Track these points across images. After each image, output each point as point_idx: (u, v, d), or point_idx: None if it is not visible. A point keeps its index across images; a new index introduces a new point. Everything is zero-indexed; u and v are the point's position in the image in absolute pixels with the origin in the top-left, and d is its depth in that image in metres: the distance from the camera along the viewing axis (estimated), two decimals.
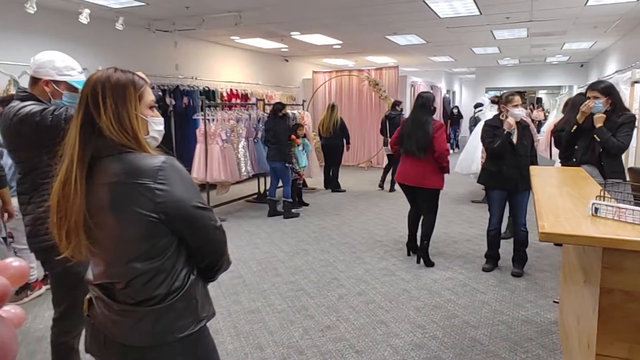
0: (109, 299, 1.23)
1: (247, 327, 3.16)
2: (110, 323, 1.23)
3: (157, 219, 1.16)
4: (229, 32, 8.04)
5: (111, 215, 1.16)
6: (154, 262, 1.19)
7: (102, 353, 1.28)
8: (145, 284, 1.20)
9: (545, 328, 3.09)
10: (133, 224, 1.16)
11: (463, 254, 4.65)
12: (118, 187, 1.15)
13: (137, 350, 1.22)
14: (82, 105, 1.19)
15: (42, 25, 5.93)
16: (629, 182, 2.04)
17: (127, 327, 1.21)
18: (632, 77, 5.22)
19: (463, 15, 6.99)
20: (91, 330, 1.30)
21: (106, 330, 1.24)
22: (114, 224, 1.17)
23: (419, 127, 4.13)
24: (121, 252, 1.19)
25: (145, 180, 1.15)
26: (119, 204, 1.15)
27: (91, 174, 1.17)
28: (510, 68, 15.14)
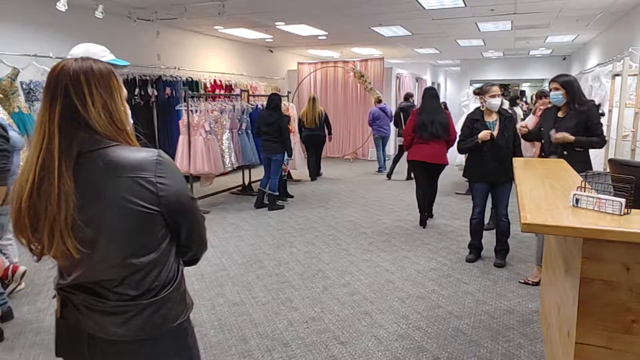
0: (97, 298, 1.17)
1: (232, 320, 3.14)
2: (99, 321, 1.18)
3: (158, 211, 1.15)
4: (213, 21, 7.92)
5: (107, 211, 1.10)
6: (151, 255, 1.18)
7: (84, 354, 1.21)
8: (143, 278, 1.18)
9: (526, 317, 3.13)
10: (132, 218, 1.12)
11: (447, 245, 4.68)
12: (116, 181, 1.10)
13: (132, 344, 1.19)
14: (60, 96, 1.10)
15: (18, 12, 5.75)
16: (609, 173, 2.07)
17: (123, 322, 1.17)
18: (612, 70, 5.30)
19: (448, 7, 6.99)
20: (67, 333, 1.24)
21: (93, 330, 1.18)
22: (110, 220, 1.11)
23: (439, 113, 5.15)
24: (117, 248, 1.14)
25: (146, 174, 1.12)
26: (117, 198, 1.10)
27: (77, 169, 1.09)
28: (495, 61, 15.24)
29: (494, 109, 3.96)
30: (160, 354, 1.23)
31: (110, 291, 1.17)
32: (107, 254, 1.13)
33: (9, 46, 5.50)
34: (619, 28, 8.00)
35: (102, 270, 1.15)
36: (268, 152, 6.17)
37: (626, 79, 4.62)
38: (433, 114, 5.12)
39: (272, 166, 6.20)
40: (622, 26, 7.76)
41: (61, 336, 1.26)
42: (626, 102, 4.63)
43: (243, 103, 7.50)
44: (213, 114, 6.56)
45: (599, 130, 3.46)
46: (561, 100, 3.51)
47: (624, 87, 4.61)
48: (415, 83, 13.64)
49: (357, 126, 11.19)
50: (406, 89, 11.98)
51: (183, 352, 1.28)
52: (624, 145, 4.62)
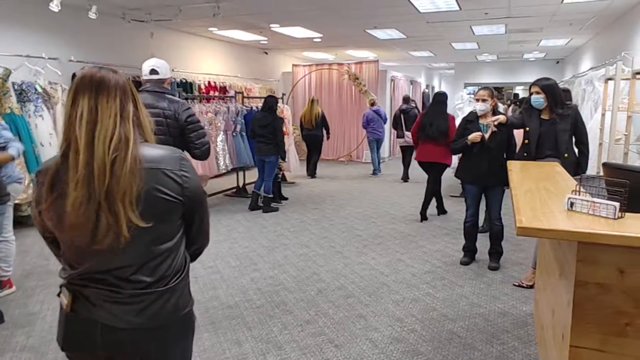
0: (111, 288, 1.24)
1: (225, 323, 3.12)
2: (115, 312, 1.23)
3: (181, 201, 1.28)
4: (207, 23, 7.90)
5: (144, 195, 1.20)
6: (168, 244, 1.29)
7: (95, 346, 1.26)
8: (159, 265, 1.27)
9: (520, 320, 3.14)
10: (160, 205, 1.24)
11: (441, 248, 4.69)
12: (151, 172, 1.22)
13: (147, 331, 1.26)
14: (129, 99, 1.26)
15: (10, 12, 5.71)
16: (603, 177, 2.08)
17: (139, 311, 1.24)
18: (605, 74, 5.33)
19: (443, 10, 7.02)
20: (78, 326, 1.28)
21: (108, 320, 1.23)
22: (142, 206, 1.20)
23: (439, 118, 5.45)
24: (143, 234, 1.22)
25: (174, 168, 1.27)
26: (149, 188, 1.21)
27: None
28: (489, 64, 15.33)
29: (479, 112, 4.00)
30: (172, 340, 1.32)
31: (124, 280, 1.24)
32: (134, 239, 1.20)
33: (1, 46, 5.46)
34: (611, 32, 8.07)
35: (123, 257, 1.22)
36: (262, 154, 6.14)
37: (619, 82, 4.65)
38: (433, 117, 5.51)
39: (266, 168, 6.18)
40: (614, 30, 7.84)
41: (71, 330, 1.29)
42: (619, 105, 4.66)
43: (237, 105, 7.49)
44: (207, 115, 6.54)
45: (585, 138, 3.59)
46: (542, 103, 3.57)
47: (616, 91, 4.65)
48: (409, 86, 13.68)
49: (352, 128, 11.20)
50: (401, 92, 12.02)
51: (188, 338, 1.40)
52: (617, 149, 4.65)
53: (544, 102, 3.55)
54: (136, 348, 1.27)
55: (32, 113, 5.43)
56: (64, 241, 1.26)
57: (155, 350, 1.30)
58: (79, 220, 1.17)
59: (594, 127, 5.42)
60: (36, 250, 4.55)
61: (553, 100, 3.54)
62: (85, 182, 1.16)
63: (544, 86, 3.55)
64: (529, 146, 3.63)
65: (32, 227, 5.28)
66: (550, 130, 3.54)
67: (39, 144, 5.42)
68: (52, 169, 1.21)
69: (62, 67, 6.11)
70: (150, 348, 1.29)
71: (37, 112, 5.46)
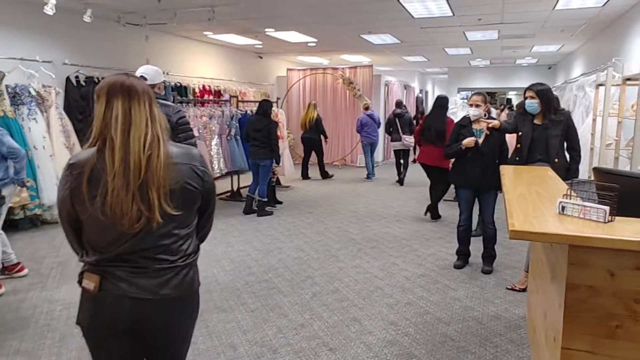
0: (139, 265, 1.41)
1: (220, 327, 3.12)
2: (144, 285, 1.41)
3: (200, 192, 1.51)
4: (202, 27, 7.91)
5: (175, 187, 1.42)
6: (187, 229, 1.51)
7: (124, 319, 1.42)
8: (180, 247, 1.47)
9: (513, 323, 3.17)
10: (186, 195, 1.46)
11: (435, 252, 4.72)
12: (183, 167, 1.45)
13: (171, 301, 1.45)
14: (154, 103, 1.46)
15: (4, 15, 5.69)
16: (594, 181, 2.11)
17: (164, 283, 1.43)
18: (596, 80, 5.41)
19: (436, 16, 7.08)
20: (107, 303, 1.41)
21: (137, 294, 1.40)
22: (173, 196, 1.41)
23: (438, 121, 5.62)
24: (169, 221, 1.42)
25: (197, 164, 1.50)
26: (179, 179, 1.43)
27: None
28: (482, 69, 15.45)
29: (472, 118, 4.04)
30: (189, 310, 1.55)
31: (150, 259, 1.42)
32: (163, 224, 1.40)
33: None
34: (602, 39, 8.18)
35: (151, 239, 1.41)
36: (256, 157, 6.15)
37: (609, 88, 4.72)
38: (432, 120, 5.72)
39: (260, 172, 6.19)
40: (605, 37, 7.94)
41: (99, 309, 1.43)
42: (610, 111, 4.73)
43: (232, 109, 7.50)
44: (202, 119, 6.55)
45: (577, 144, 3.66)
46: (536, 108, 3.62)
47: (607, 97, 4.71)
48: (403, 90, 13.76)
49: (346, 132, 11.23)
50: (395, 96, 12.08)
51: (195, 314, 1.60)
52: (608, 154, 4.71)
53: (538, 107, 3.60)
54: (160, 317, 1.46)
55: (25, 116, 5.41)
56: (98, 227, 1.38)
57: (175, 319, 1.50)
58: (117, 207, 1.33)
59: (585, 132, 5.49)
60: (28, 254, 4.52)
61: (547, 105, 3.59)
62: (122, 175, 1.33)
63: (539, 91, 3.60)
64: (521, 151, 3.67)
65: (24, 230, 5.30)
66: (541, 135, 3.59)
67: (32, 147, 5.39)
68: (90, 163, 1.36)
69: (56, 70, 6.09)
70: (171, 317, 1.49)
71: (30, 115, 5.44)
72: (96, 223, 1.37)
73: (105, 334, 1.45)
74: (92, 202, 1.35)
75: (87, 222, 1.40)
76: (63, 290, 3.66)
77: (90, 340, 1.49)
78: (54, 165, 5.55)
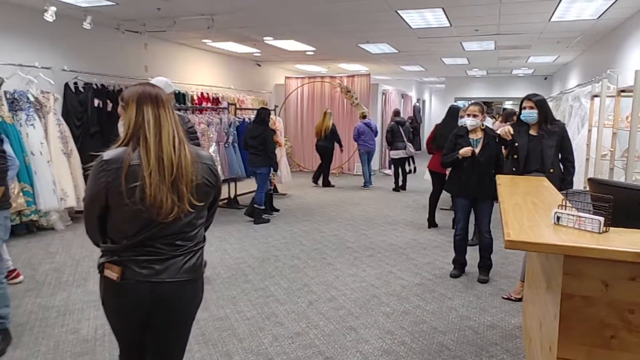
0: (157, 252, 1.60)
1: (216, 335, 3.11)
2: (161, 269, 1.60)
3: (214, 187, 1.74)
4: (201, 35, 7.95)
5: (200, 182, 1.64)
6: (202, 219, 1.73)
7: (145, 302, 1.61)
8: (195, 235, 1.70)
9: (509, 333, 3.17)
10: (204, 190, 1.68)
11: (431, 261, 4.72)
12: (204, 166, 1.69)
13: (184, 282, 1.66)
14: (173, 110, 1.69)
15: (4, 21, 5.71)
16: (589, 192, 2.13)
17: (180, 267, 1.63)
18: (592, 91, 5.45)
19: (434, 27, 7.15)
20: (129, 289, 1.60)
21: (156, 277, 1.60)
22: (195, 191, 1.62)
23: (447, 130, 5.34)
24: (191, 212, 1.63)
25: (211, 163, 1.74)
26: (200, 176, 1.65)
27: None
28: (479, 79, 15.56)
29: (469, 127, 4.06)
30: (198, 291, 1.77)
31: (169, 244, 1.62)
32: (186, 214, 1.62)
33: None
34: (597, 50, 8.27)
35: (174, 227, 1.61)
36: (253, 165, 6.18)
37: (604, 100, 4.76)
38: (443, 129, 5.76)
39: (257, 179, 6.21)
40: (600, 49, 8.03)
41: (123, 296, 1.62)
42: (605, 122, 4.77)
43: (230, 116, 7.52)
44: (200, 126, 6.56)
45: (571, 155, 3.69)
46: (535, 118, 3.65)
47: (602, 108, 4.75)
48: (400, 99, 13.83)
49: (343, 141, 11.21)
50: (392, 105, 12.15)
51: (202, 292, 1.81)
52: (603, 165, 4.74)
53: (537, 117, 3.63)
54: (177, 297, 1.66)
55: (23, 122, 5.41)
56: (129, 216, 1.55)
57: (188, 298, 1.71)
58: (156, 199, 1.53)
59: (580, 142, 5.53)
60: (23, 260, 4.50)
61: (544, 115, 3.63)
62: (157, 171, 1.54)
63: (537, 101, 3.64)
64: (517, 162, 3.69)
65: (20, 236, 5.27)
66: (537, 146, 3.62)
67: (30, 152, 5.39)
68: (127, 159, 1.54)
69: (54, 77, 6.10)
70: (186, 296, 1.70)
71: (28, 121, 5.44)
72: (128, 212, 1.54)
73: (127, 313, 1.66)
74: (128, 194, 1.52)
75: (119, 212, 1.56)
76: (58, 297, 3.64)
77: (112, 317, 1.70)
78: (51, 171, 5.55)
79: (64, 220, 5.82)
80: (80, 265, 4.44)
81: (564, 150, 3.66)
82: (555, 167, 3.61)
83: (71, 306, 3.49)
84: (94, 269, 4.40)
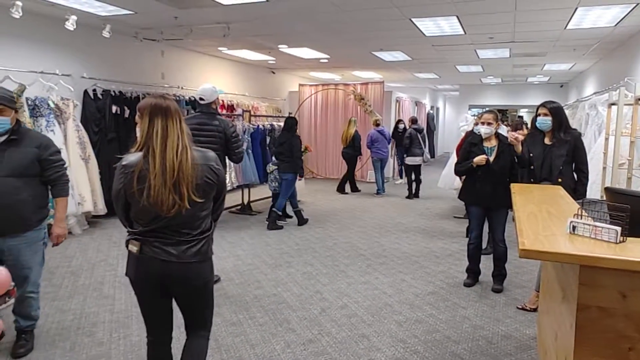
0: (168, 237, 1.93)
1: (229, 340, 3.13)
2: (171, 251, 1.93)
3: (216, 184, 2.03)
4: (217, 42, 8.06)
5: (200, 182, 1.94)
6: (206, 212, 2.04)
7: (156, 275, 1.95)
8: (200, 225, 2.01)
9: (524, 343, 3.13)
10: (208, 187, 1.99)
11: (445, 269, 4.69)
12: (205, 167, 1.98)
13: (191, 264, 1.97)
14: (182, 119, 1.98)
15: (27, 30, 5.86)
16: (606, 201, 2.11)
17: (186, 250, 1.95)
18: (609, 99, 5.39)
19: (448, 34, 7.15)
20: (145, 262, 1.95)
21: (166, 257, 1.92)
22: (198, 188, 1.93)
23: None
24: (194, 206, 1.93)
25: (213, 163, 2.02)
26: (200, 176, 1.94)
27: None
28: (493, 86, 15.46)
29: (483, 136, 4.03)
30: (202, 271, 2.04)
31: (177, 232, 1.95)
32: (189, 209, 1.91)
33: (17, 62, 5.59)
34: (614, 58, 8.16)
35: (180, 220, 1.92)
36: (280, 171, 6.36)
37: (622, 108, 4.69)
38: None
39: (282, 185, 6.35)
40: (617, 56, 7.93)
41: (140, 266, 1.97)
42: (622, 130, 4.70)
43: (244, 123, 7.58)
44: None
45: (585, 166, 3.61)
46: (549, 126, 3.61)
47: (619, 116, 4.69)
48: (414, 107, 13.80)
49: None
50: (406, 113, 12.13)
51: (211, 274, 2.11)
52: (620, 174, 4.67)
53: (551, 124, 3.59)
54: (183, 274, 1.97)
55: (43, 127, 5.52)
56: (142, 210, 1.89)
57: (194, 276, 2.01)
58: (158, 198, 1.84)
59: (597, 150, 5.45)
60: None
61: (559, 123, 3.58)
62: (160, 175, 1.85)
63: (552, 109, 3.59)
64: (534, 172, 3.66)
65: None
66: (547, 155, 3.58)
67: None
68: (139, 165, 1.86)
69: (74, 84, 6.23)
70: (192, 274, 2.00)
71: (48, 126, 5.56)
72: (141, 207, 1.89)
73: (143, 281, 2.01)
74: (139, 193, 1.86)
75: (135, 206, 1.92)
76: (74, 301, 3.70)
77: (135, 287, 2.04)
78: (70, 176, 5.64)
79: (81, 225, 5.91)
80: (96, 269, 4.50)
81: (577, 160, 3.58)
82: (565, 177, 3.52)
83: (87, 310, 3.54)
84: (110, 272, 4.48)
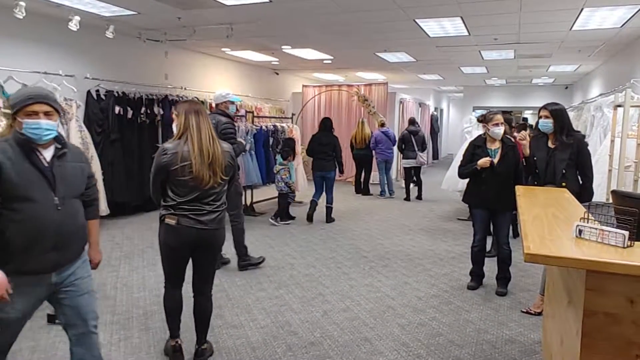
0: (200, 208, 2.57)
1: (230, 343, 3.10)
2: (202, 220, 2.57)
3: (233, 167, 2.74)
4: (220, 43, 8.06)
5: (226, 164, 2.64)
6: (225, 188, 2.71)
7: (191, 239, 2.58)
8: (221, 198, 2.68)
9: (528, 348, 3.09)
10: (229, 170, 2.68)
11: (448, 272, 4.65)
12: (227, 153, 2.68)
13: (215, 230, 2.65)
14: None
15: (30, 30, 5.87)
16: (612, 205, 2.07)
17: (212, 219, 2.62)
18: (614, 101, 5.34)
19: (452, 35, 7.11)
20: (182, 231, 2.56)
21: (198, 225, 2.56)
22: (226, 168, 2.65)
23: None
24: (223, 182, 2.65)
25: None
26: (225, 159, 2.64)
27: None
28: (498, 88, 15.39)
29: (497, 137, 3.98)
30: (222, 235, 2.74)
31: (206, 204, 2.59)
32: (217, 185, 2.61)
33: (20, 63, 5.59)
34: (620, 59, 8.10)
35: (210, 193, 2.59)
36: (323, 170, 6.65)
37: (628, 110, 4.65)
38: None
39: (327, 183, 6.72)
40: (623, 58, 7.87)
41: (177, 234, 2.58)
42: (628, 133, 4.65)
43: (248, 124, 7.56)
44: None
45: (590, 170, 3.54)
46: (550, 128, 3.55)
47: (625, 118, 4.64)
48: (418, 108, 13.76)
49: None
50: (409, 114, 12.07)
51: (224, 237, 2.78)
52: (627, 176, 4.62)
53: (552, 127, 3.55)
54: (211, 237, 2.64)
55: None
56: (182, 183, 2.52)
57: (216, 238, 2.70)
58: (199, 172, 2.50)
59: (603, 153, 5.39)
60: None
61: (560, 126, 3.52)
62: (200, 155, 2.52)
63: (553, 111, 3.54)
64: (538, 175, 3.61)
65: None
66: (550, 159, 3.52)
67: None
68: (181, 147, 2.52)
69: (77, 84, 6.23)
70: (214, 237, 2.67)
71: None
72: (181, 182, 2.52)
73: (179, 247, 2.61)
74: (182, 170, 2.49)
75: (174, 181, 2.53)
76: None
77: (169, 252, 2.64)
78: None
79: None
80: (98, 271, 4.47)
81: (581, 164, 3.50)
82: (568, 181, 3.45)
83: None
84: (112, 274, 4.46)
